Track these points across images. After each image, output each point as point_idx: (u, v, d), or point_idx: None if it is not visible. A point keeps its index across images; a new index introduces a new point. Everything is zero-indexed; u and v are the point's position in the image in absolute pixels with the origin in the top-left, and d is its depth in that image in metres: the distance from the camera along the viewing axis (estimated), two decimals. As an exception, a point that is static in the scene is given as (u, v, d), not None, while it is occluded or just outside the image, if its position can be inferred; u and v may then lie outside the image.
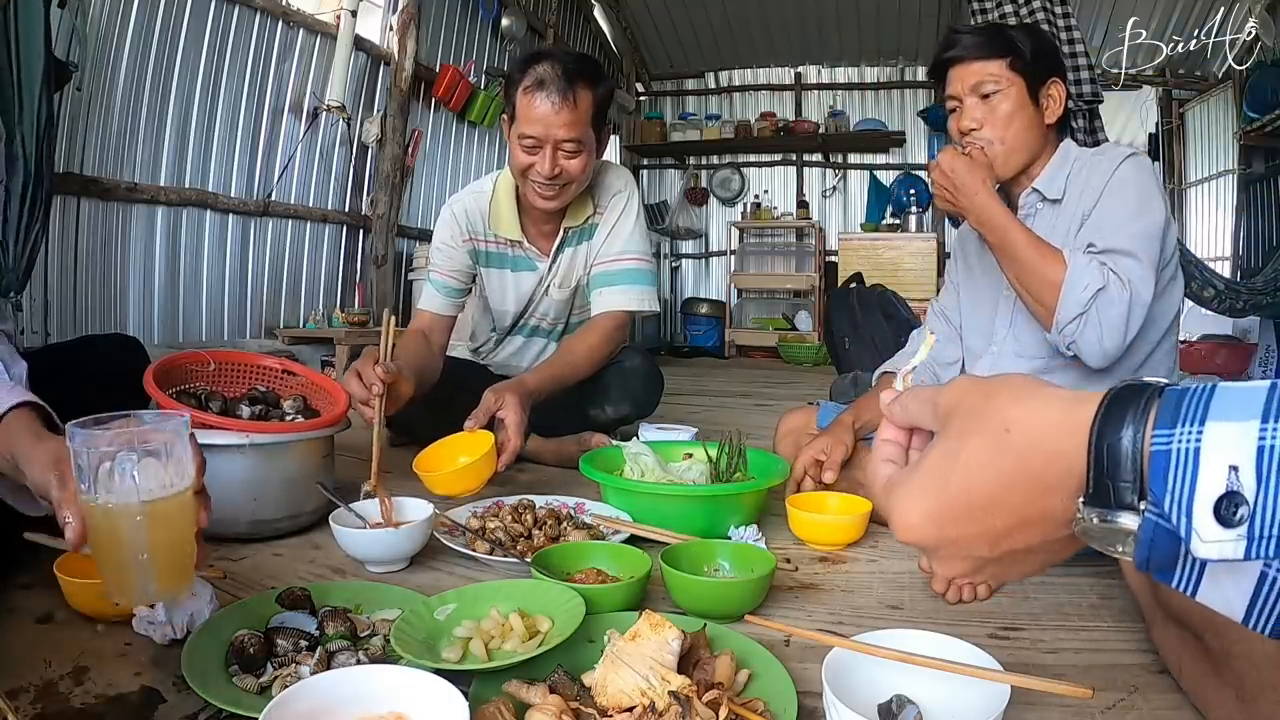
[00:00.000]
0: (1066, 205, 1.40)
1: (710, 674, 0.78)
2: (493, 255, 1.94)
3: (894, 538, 1.32)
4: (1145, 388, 0.40)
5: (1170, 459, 0.36)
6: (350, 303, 4.10)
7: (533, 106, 1.62)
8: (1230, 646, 0.71)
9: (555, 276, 1.96)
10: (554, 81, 1.61)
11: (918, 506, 0.45)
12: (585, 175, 1.74)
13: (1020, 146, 1.41)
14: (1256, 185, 4.96)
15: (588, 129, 1.67)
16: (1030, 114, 1.40)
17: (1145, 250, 1.26)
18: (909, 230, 6.05)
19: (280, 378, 1.53)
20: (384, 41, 4.21)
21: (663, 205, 6.97)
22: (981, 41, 1.41)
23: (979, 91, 1.40)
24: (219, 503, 1.27)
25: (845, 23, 6.24)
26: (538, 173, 1.67)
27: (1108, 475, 0.38)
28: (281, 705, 0.65)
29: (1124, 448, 0.38)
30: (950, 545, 0.45)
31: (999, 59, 1.39)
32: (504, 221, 1.87)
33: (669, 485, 1.41)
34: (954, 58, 1.42)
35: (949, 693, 0.74)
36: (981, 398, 0.45)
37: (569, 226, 1.87)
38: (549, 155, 1.64)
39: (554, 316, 2.05)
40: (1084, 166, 1.40)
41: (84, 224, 2.78)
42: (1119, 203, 1.32)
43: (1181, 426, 0.36)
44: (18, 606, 1.01)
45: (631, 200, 1.91)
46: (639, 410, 2.04)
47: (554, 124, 1.62)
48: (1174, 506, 0.36)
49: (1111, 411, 0.39)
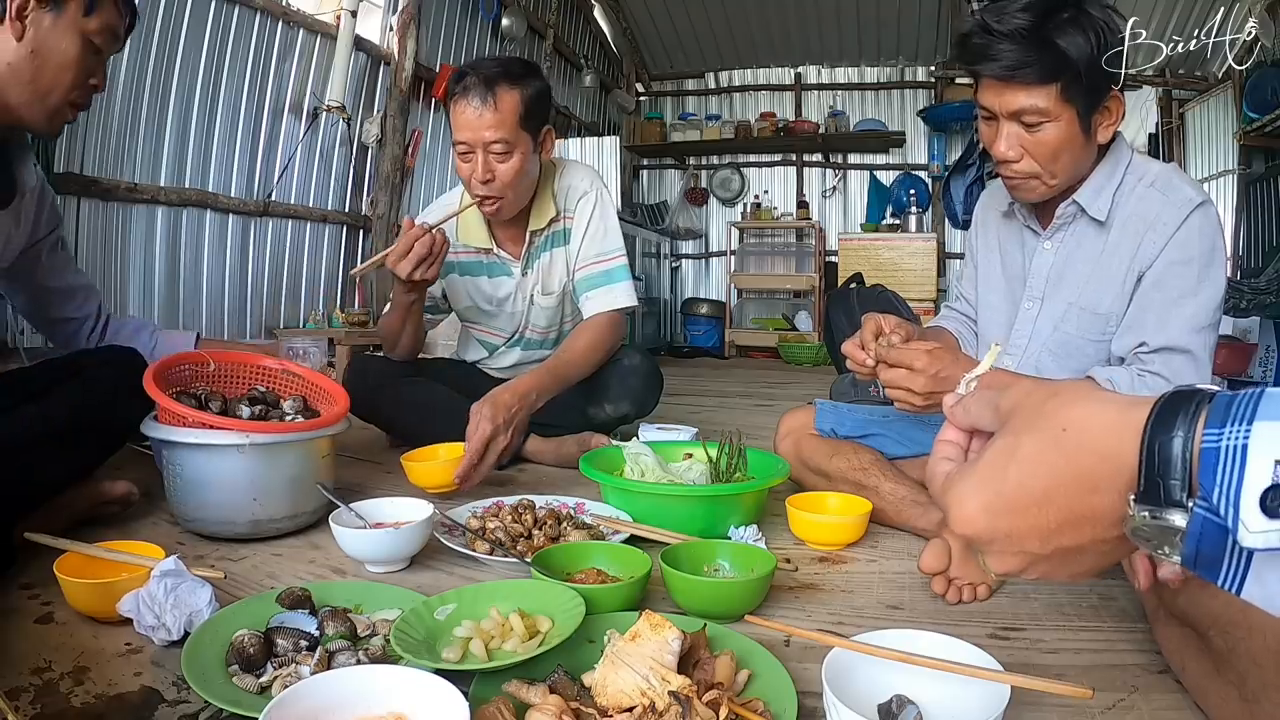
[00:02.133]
0: (1112, 233, 1.25)
1: (710, 674, 0.78)
2: (466, 264, 1.97)
3: (894, 539, 1.31)
4: (1196, 393, 0.41)
5: (1219, 455, 0.38)
6: (350, 303, 4.10)
7: (460, 114, 1.68)
8: (1234, 645, 0.71)
9: (534, 281, 1.97)
10: (475, 87, 1.66)
11: (975, 499, 0.47)
12: (522, 177, 1.75)
13: (1068, 178, 1.24)
14: (1256, 185, 4.96)
15: (516, 129, 1.69)
16: (1081, 142, 1.20)
17: (1202, 342, 1.18)
18: (909, 230, 6.05)
19: (280, 378, 1.53)
20: (384, 41, 4.21)
21: (663, 205, 6.96)
22: (1028, 58, 1.12)
23: (1020, 119, 1.18)
24: (219, 503, 1.28)
25: (845, 23, 6.24)
26: (475, 179, 1.71)
27: (1159, 474, 0.40)
28: (281, 705, 0.65)
29: (1175, 448, 0.40)
30: (1004, 539, 0.47)
31: (1048, 85, 1.14)
32: (472, 232, 1.90)
33: (669, 485, 1.41)
34: (990, 74, 1.18)
35: (949, 693, 0.74)
36: (1040, 399, 0.47)
37: (534, 230, 1.89)
38: (480, 159, 1.68)
39: (545, 325, 2.05)
40: (1137, 189, 1.24)
41: (84, 224, 2.78)
42: (1179, 280, 1.18)
43: (1230, 426, 0.38)
44: (18, 606, 1.01)
45: (601, 199, 1.92)
46: (639, 409, 2.05)
47: (479, 127, 1.66)
48: (1222, 499, 0.38)
49: (1164, 414, 0.41)
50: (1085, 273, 1.30)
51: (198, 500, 1.29)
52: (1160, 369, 1.19)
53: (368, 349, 3.39)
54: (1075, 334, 1.31)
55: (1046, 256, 1.35)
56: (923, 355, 1.16)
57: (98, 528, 1.33)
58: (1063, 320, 1.33)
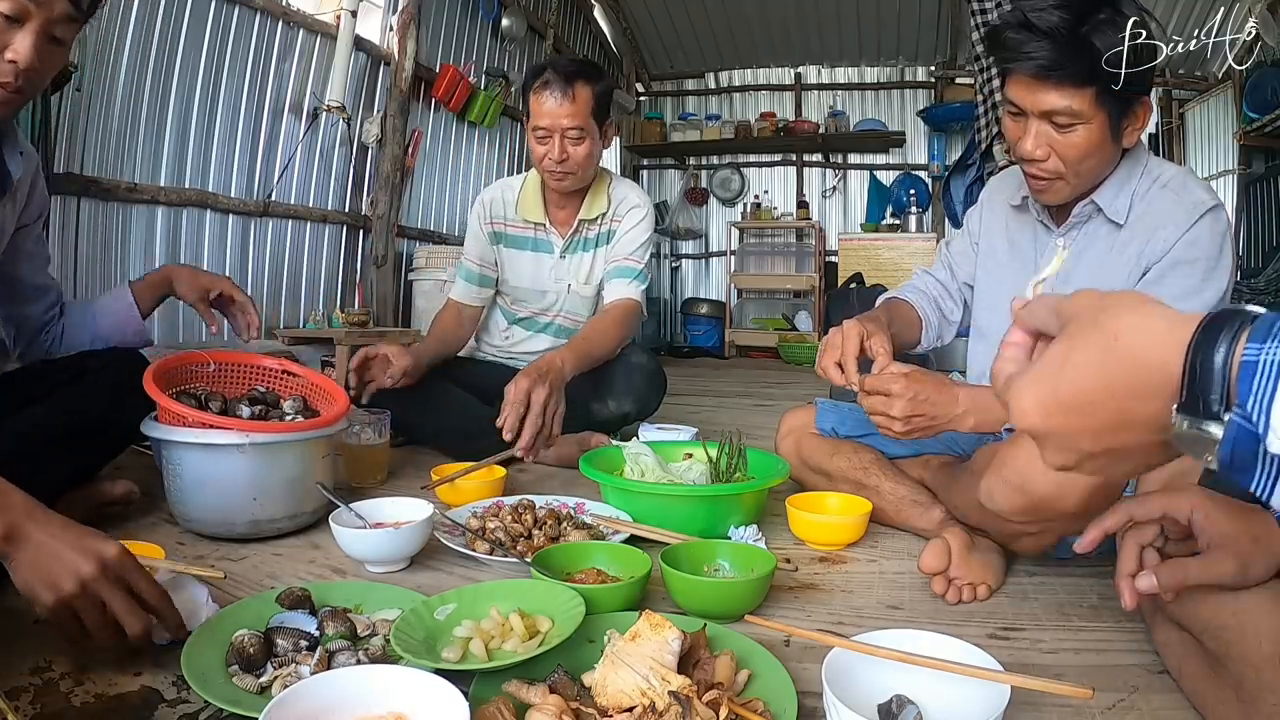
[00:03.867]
0: (1123, 231, 1.25)
1: (710, 674, 0.78)
2: (514, 238, 2.17)
3: (894, 539, 1.31)
4: (1242, 312, 0.44)
5: (1257, 368, 0.41)
6: (350, 303, 4.09)
7: (541, 104, 1.94)
8: (1227, 649, 0.71)
9: (571, 269, 2.16)
10: (555, 81, 1.92)
11: (1031, 396, 0.50)
12: (591, 160, 2.01)
13: (1090, 180, 1.23)
14: (1256, 185, 4.96)
15: (589, 119, 1.95)
16: (1109, 146, 1.19)
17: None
18: (909, 230, 6.05)
19: (280, 378, 1.53)
20: (384, 42, 4.20)
21: (663, 205, 6.96)
22: (1065, 58, 1.09)
23: (1052, 119, 1.15)
24: (219, 503, 1.28)
25: (845, 23, 6.23)
26: (550, 159, 1.97)
27: (1199, 388, 0.43)
28: (281, 705, 0.65)
29: (1216, 362, 0.42)
30: (1057, 435, 0.50)
31: (1085, 89, 1.11)
32: (530, 207, 2.13)
33: (669, 485, 1.41)
34: (1024, 72, 1.14)
35: (949, 693, 0.74)
36: (1099, 308, 0.49)
37: (584, 218, 2.12)
38: (558, 143, 1.94)
39: (584, 314, 2.21)
40: (1151, 190, 1.23)
41: (84, 224, 2.77)
42: (1183, 279, 1.17)
43: (1270, 342, 0.41)
44: (18, 607, 1.01)
45: (648, 216, 2.17)
46: (641, 408, 2.05)
47: (558, 115, 1.92)
48: (1255, 407, 0.41)
49: (1209, 330, 0.43)
50: (1093, 268, 1.29)
51: (198, 500, 1.29)
52: None
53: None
54: None
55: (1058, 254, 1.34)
56: (899, 382, 1.17)
57: (98, 528, 1.33)
58: None
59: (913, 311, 1.53)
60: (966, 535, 1.19)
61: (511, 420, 1.59)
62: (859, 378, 1.21)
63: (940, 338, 1.55)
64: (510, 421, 1.59)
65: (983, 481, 1.07)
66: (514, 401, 1.60)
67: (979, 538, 1.20)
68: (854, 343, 1.23)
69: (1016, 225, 1.43)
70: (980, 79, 4.69)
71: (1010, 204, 1.42)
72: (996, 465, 1.04)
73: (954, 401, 1.19)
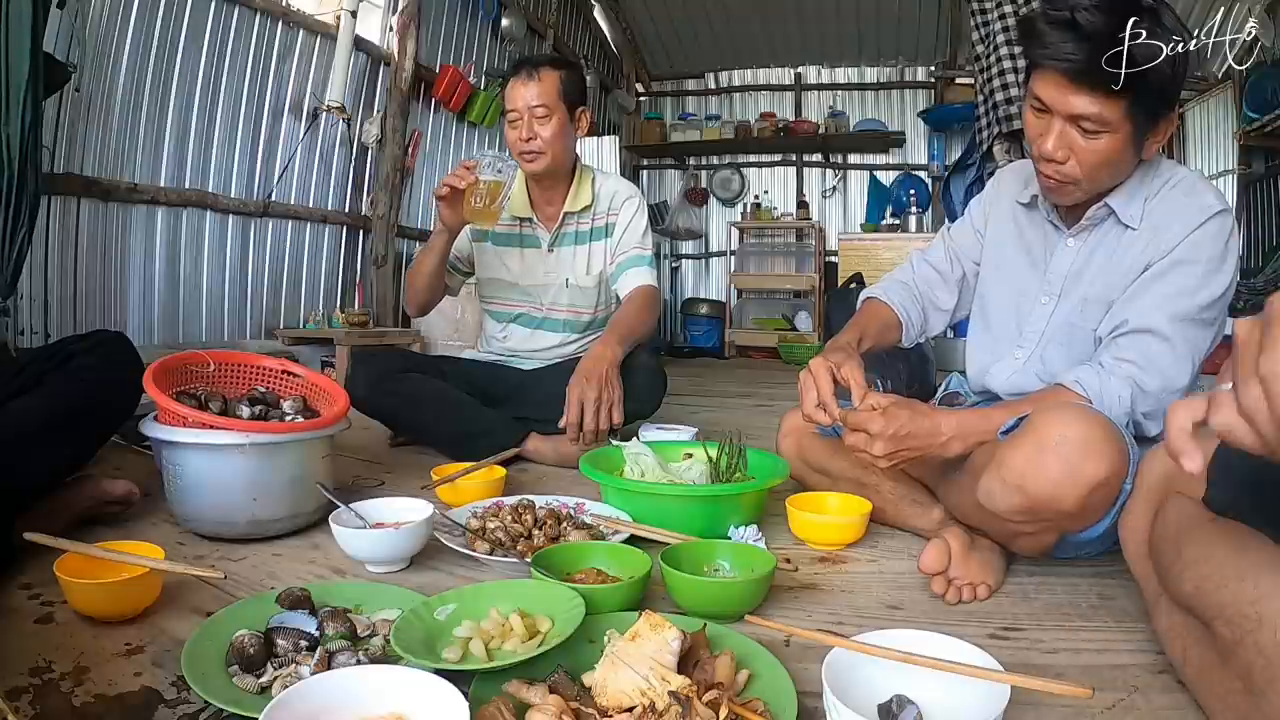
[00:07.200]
0: (1134, 233, 1.24)
1: (710, 674, 0.78)
2: (501, 235, 2.20)
3: (894, 539, 1.31)
4: None
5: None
6: (350, 303, 4.09)
7: (511, 90, 2.06)
8: (1241, 637, 0.69)
9: (561, 262, 2.18)
10: (524, 67, 2.06)
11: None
12: (560, 141, 2.06)
13: (1104, 186, 1.22)
14: (1256, 185, 4.95)
15: (557, 100, 2.03)
16: (1130, 157, 1.17)
17: (1184, 335, 1.15)
18: (909, 230, 6.03)
19: (280, 378, 1.53)
20: (384, 42, 4.20)
21: (663, 206, 6.96)
22: (1105, 64, 1.05)
23: (1079, 123, 1.12)
24: (219, 503, 1.28)
25: (845, 23, 6.23)
26: (520, 139, 2.04)
27: None
28: (281, 705, 0.65)
29: None
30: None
31: (1118, 98, 1.08)
32: (516, 204, 2.16)
33: (669, 485, 1.41)
34: (1058, 70, 1.10)
35: (949, 693, 0.74)
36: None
37: (569, 211, 2.16)
38: (525, 123, 2.02)
39: (583, 305, 2.21)
40: (1162, 192, 1.22)
41: (84, 225, 2.77)
42: (1182, 278, 1.17)
43: None
44: (18, 606, 1.01)
45: (642, 206, 2.23)
46: (641, 408, 2.05)
47: (524, 95, 2.02)
48: None
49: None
50: (1102, 269, 1.28)
51: (198, 500, 1.29)
52: (1132, 354, 1.16)
53: (368, 349, 3.39)
54: (1081, 323, 1.29)
55: (1068, 255, 1.31)
56: (877, 422, 1.17)
57: (98, 528, 1.34)
58: (1073, 313, 1.31)
59: (891, 313, 1.51)
60: (966, 535, 1.19)
61: (573, 421, 1.73)
62: (840, 413, 1.23)
63: (925, 331, 1.54)
64: (571, 424, 1.73)
65: (982, 481, 1.07)
66: (571, 404, 1.73)
67: (979, 538, 1.20)
68: (826, 381, 1.25)
69: (1027, 223, 1.40)
70: (980, 79, 4.68)
71: (1018, 201, 1.40)
72: (996, 465, 1.04)
73: (935, 430, 1.18)
